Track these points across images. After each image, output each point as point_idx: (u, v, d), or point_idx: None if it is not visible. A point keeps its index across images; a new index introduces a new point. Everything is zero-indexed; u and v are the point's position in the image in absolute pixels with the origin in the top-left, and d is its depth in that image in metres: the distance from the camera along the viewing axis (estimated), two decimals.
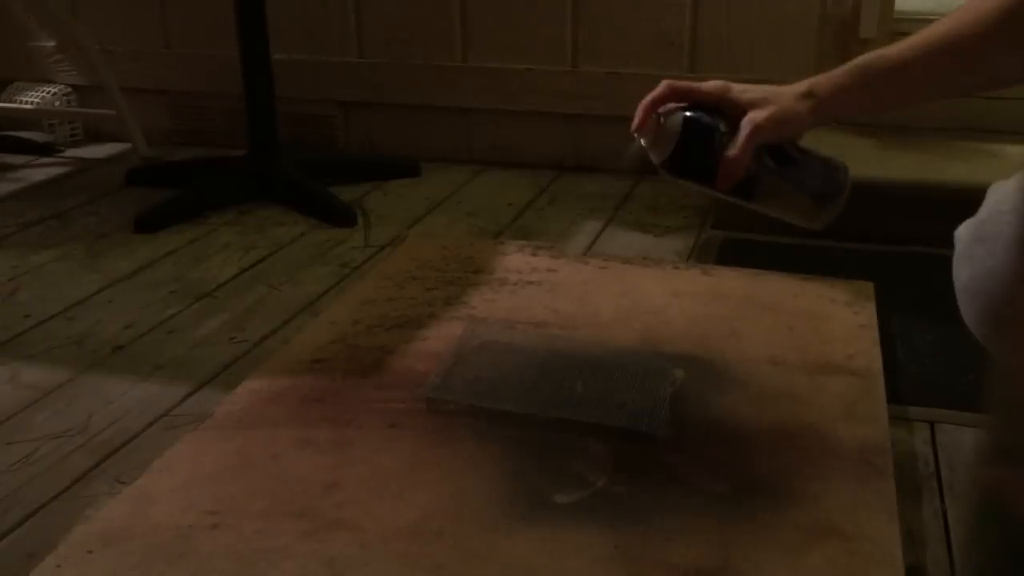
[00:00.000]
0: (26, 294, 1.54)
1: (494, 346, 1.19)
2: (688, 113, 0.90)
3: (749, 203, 0.93)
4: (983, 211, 0.90)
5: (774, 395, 1.10)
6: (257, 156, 1.97)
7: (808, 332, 1.24)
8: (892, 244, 1.65)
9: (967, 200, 0.95)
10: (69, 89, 2.37)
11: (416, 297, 1.35)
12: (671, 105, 0.91)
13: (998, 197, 0.90)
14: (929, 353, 1.30)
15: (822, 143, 0.96)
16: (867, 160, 1.79)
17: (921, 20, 1.97)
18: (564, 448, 1.01)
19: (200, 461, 0.99)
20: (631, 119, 0.91)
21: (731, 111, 0.90)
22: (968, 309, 0.90)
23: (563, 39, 2.05)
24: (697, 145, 0.89)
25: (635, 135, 0.92)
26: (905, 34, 2.03)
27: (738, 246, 1.67)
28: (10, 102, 2.31)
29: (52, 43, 2.38)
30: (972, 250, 0.89)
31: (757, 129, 0.88)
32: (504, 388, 1.11)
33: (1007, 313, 0.64)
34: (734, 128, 0.89)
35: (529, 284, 1.39)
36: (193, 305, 1.50)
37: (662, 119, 0.90)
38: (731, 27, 1.96)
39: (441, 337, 1.23)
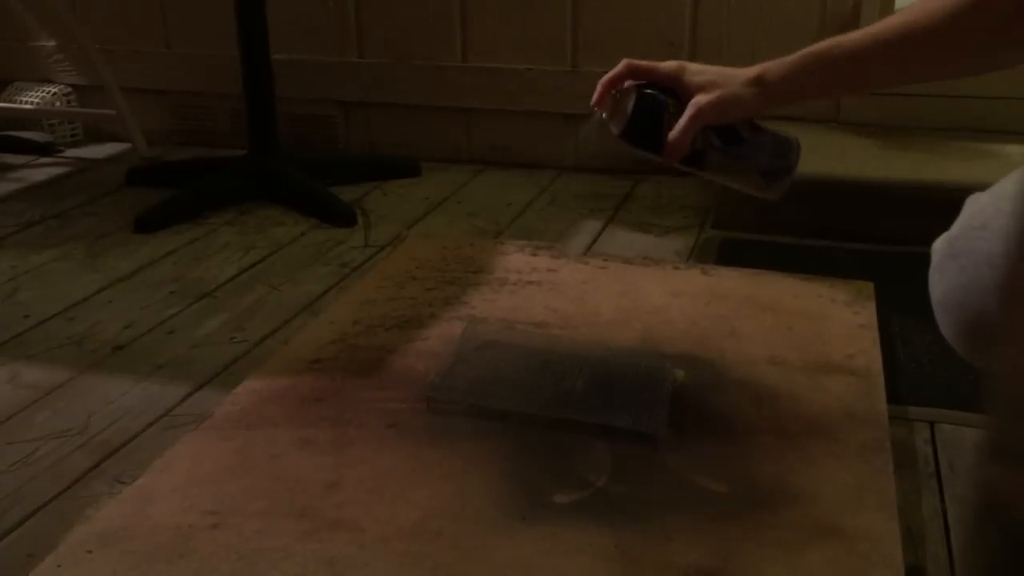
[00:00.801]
0: (26, 294, 1.54)
1: (494, 346, 1.19)
2: (641, 91, 0.97)
3: (701, 173, 0.99)
4: (956, 227, 0.90)
5: (774, 395, 1.10)
6: (257, 156, 1.97)
7: (808, 332, 1.24)
8: (892, 244, 1.65)
9: (944, 209, 0.94)
10: (69, 89, 2.37)
11: (416, 297, 1.35)
12: (629, 83, 0.99)
13: (972, 211, 0.90)
14: (929, 353, 1.30)
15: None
16: (867, 160, 1.79)
17: None
18: (564, 448, 1.01)
19: (200, 461, 0.99)
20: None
21: (683, 92, 0.96)
22: (945, 323, 0.91)
23: (563, 39, 2.05)
24: (648, 121, 0.96)
25: (594, 109, 0.99)
26: None
27: (738, 246, 1.67)
28: (10, 102, 2.31)
29: (52, 43, 2.38)
30: (945, 265, 0.89)
31: (699, 113, 0.93)
32: (504, 388, 1.11)
33: (995, 328, 0.64)
34: (683, 108, 0.95)
35: (529, 284, 1.39)
36: (193, 305, 1.50)
37: (618, 95, 0.99)
38: (731, 27, 1.96)
39: (441, 337, 1.23)
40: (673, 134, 0.94)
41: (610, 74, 0.99)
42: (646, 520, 0.90)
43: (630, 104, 0.97)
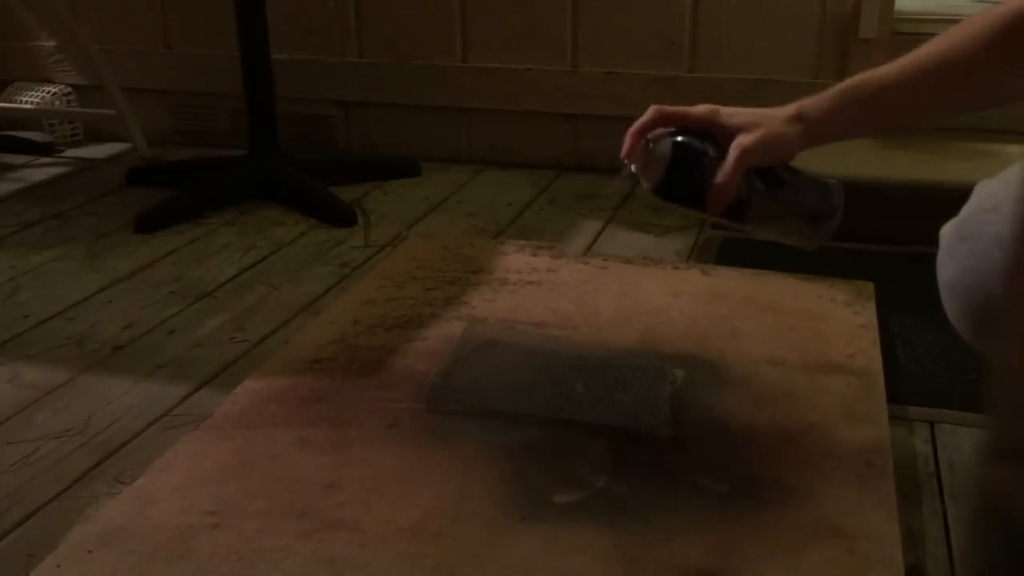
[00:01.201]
0: (26, 294, 1.54)
1: (494, 346, 1.19)
2: (676, 139, 0.90)
3: (743, 225, 0.93)
4: (966, 209, 0.90)
5: (774, 395, 1.10)
6: (257, 156, 1.97)
7: (808, 332, 1.24)
8: (892, 244, 1.65)
9: (966, 200, 0.95)
10: (69, 89, 2.37)
11: (416, 297, 1.35)
12: (660, 131, 0.91)
13: (981, 195, 0.90)
14: (929, 353, 1.30)
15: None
16: (867, 160, 1.79)
17: (921, 20, 1.97)
18: (564, 448, 1.01)
19: (200, 461, 0.99)
20: (631, 119, 0.91)
21: (720, 135, 0.90)
22: (951, 306, 0.91)
23: (563, 39, 2.05)
24: (686, 171, 0.89)
25: (624, 162, 0.92)
26: (905, 34, 2.03)
27: (738, 246, 1.67)
28: (10, 102, 2.31)
29: (52, 43, 2.38)
30: (954, 248, 0.89)
31: (745, 153, 0.87)
32: (504, 388, 1.11)
33: (999, 311, 0.64)
34: (723, 153, 0.88)
35: (529, 284, 1.39)
36: (193, 305, 1.50)
37: (650, 145, 0.91)
38: (731, 27, 1.96)
39: (441, 337, 1.23)
40: (719, 177, 0.87)
41: (638, 123, 0.91)
42: (646, 520, 0.90)
43: (665, 154, 0.89)
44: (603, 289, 1.37)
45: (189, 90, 2.31)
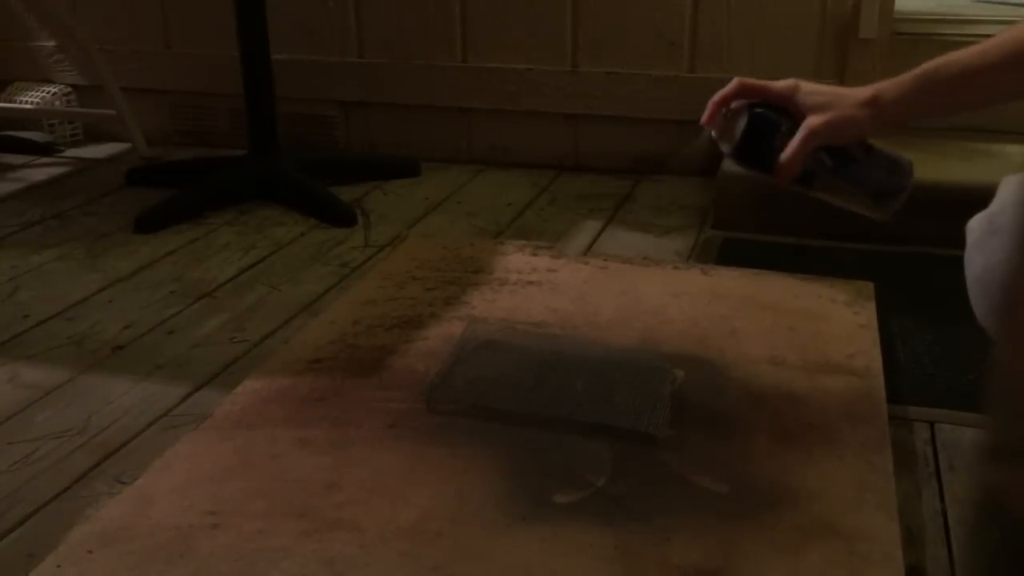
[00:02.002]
0: (26, 294, 1.54)
1: (494, 346, 1.19)
2: (753, 111, 0.95)
3: (810, 192, 0.97)
4: (995, 203, 0.90)
5: (774, 395, 1.10)
6: (257, 156, 1.97)
7: (808, 332, 1.24)
8: (892, 244, 1.65)
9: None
10: (69, 89, 2.37)
11: (416, 297, 1.35)
12: (740, 102, 0.96)
13: (1010, 189, 0.90)
14: (929, 353, 1.30)
15: None
16: None
17: (921, 20, 1.97)
18: (564, 448, 1.01)
19: (200, 461, 0.99)
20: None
21: (796, 112, 0.94)
22: (979, 301, 0.90)
23: (563, 39, 2.05)
24: (759, 142, 0.95)
25: (704, 127, 0.97)
26: (905, 34, 2.02)
27: (738, 246, 1.67)
28: (10, 102, 2.31)
29: (52, 43, 2.38)
30: (985, 242, 0.89)
31: (811, 134, 0.92)
32: (504, 388, 1.11)
33: (1010, 307, 0.63)
34: (795, 128, 0.93)
35: (529, 284, 1.39)
36: (193, 305, 1.50)
37: (729, 114, 0.96)
38: (731, 27, 1.96)
39: (441, 337, 1.23)
40: (784, 155, 0.92)
41: (721, 92, 0.97)
42: (646, 520, 0.90)
43: (742, 124, 0.95)
44: (603, 289, 1.37)
45: (189, 90, 2.31)
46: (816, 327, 1.26)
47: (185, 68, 2.29)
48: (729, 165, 1.76)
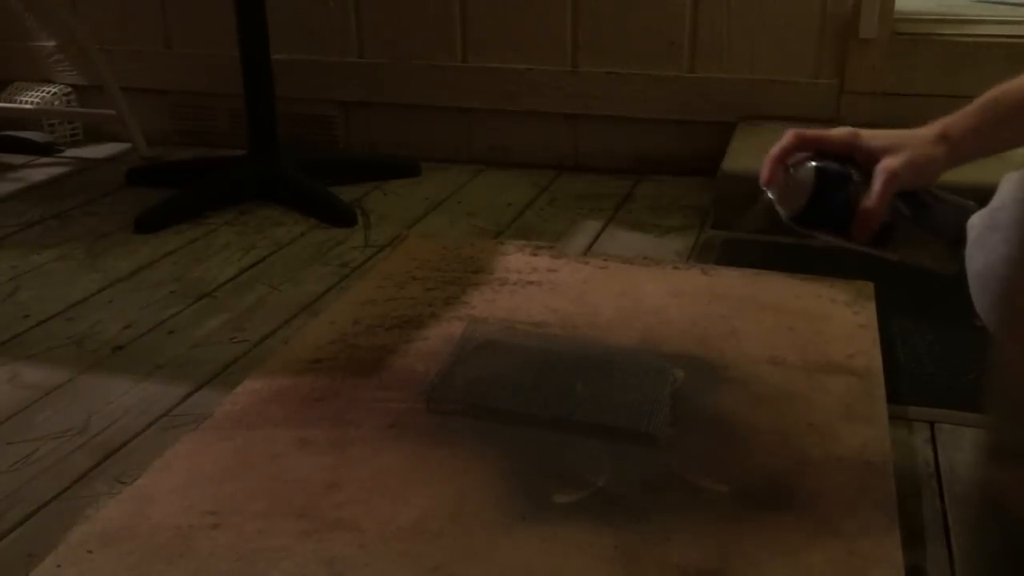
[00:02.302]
0: (26, 294, 1.54)
1: (494, 346, 1.19)
2: (819, 164, 0.87)
3: (883, 251, 0.90)
4: (996, 199, 0.90)
5: (774, 395, 1.10)
6: (257, 156, 1.97)
7: (808, 332, 1.24)
8: None
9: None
10: (69, 89, 2.37)
11: (416, 297, 1.35)
12: (799, 155, 0.89)
13: (1012, 185, 0.90)
14: (929, 353, 1.30)
15: None
16: None
17: (920, 20, 1.97)
18: (564, 448, 1.01)
19: (200, 461, 0.99)
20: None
21: (861, 158, 0.88)
22: (980, 297, 0.90)
23: (563, 39, 2.05)
24: (830, 197, 0.87)
25: (764, 188, 0.89)
26: (905, 34, 2.02)
27: (738, 246, 1.67)
28: (10, 102, 2.31)
29: (52, 43, 2.38)
30: (986, 238, 0.89)
31: (893, 176, 0.85)
32: (504, 388, 1.11)
33: (1012, 305, 0.63)
34: (866, 176, 0.86)
35: (529, 284, 1.39)
36: (193, 305, 1.50)
37: (791, 170, 0.88)
38: (731, 27, 1.96)
39: (441, 337, 1.23)
40: (867, 202, 0.85)
41: (778, 147, 0.88)
42: (646, 520, 0.90)
43: (808, 179, 0.86)
44: (603, 289, 1.37)
45: (189, 90, 2.31)
46: (816, 327, 1.26)
47: (185, 68, 2.29)
48: (730, 165, 1.76)
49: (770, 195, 0.89)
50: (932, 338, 1.34)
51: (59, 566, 0.85)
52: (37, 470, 1.09)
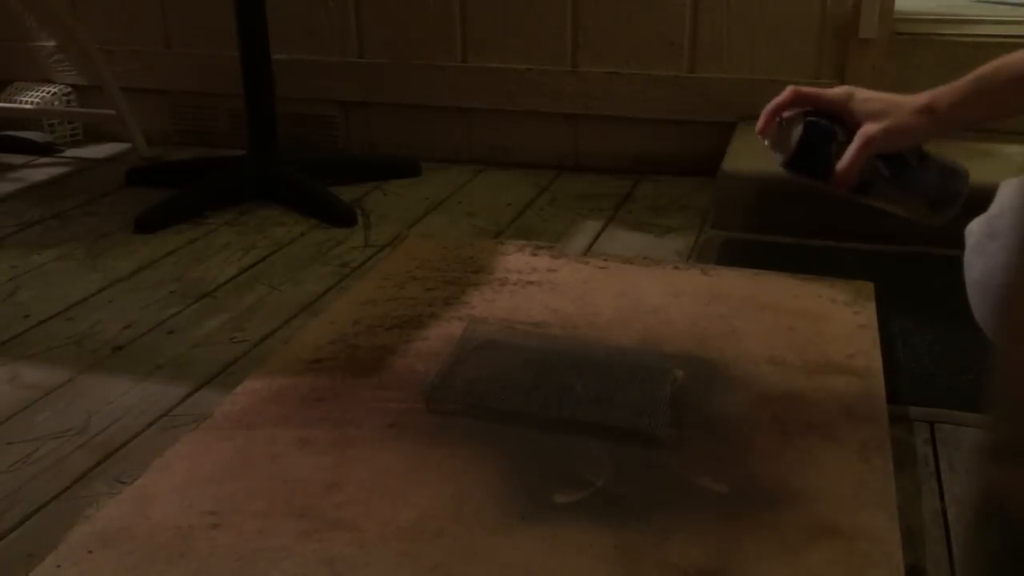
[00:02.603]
0: (26, 294, 1.54)
1: (494, 346, 1.19)
2: (808, 120, 0.95)
3: (866, 200, 0.98)
4: (995, 207, 0.90)
5: (774, 395, 1.10)
6: (257, 156, 1.97)
7: (808, 332, 1.24)
8: (892, 244, 1.65)
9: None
10: (69, 89, 2.37)
11: (416, 297, 1.35)
12: (794, 111, 0.97)
13: (1009, 192, 0.90)
14: (929, 353, 1.30)
15: None
16: None
17: (920, 20, 1.97)
18: (564, 448, 1.01)
19: (200, 461, 0.99)
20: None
21: (850, 120, 0.94)
22: (979, 304, 0.90)
23: (563, 39, 2.05)
24: (814, 151, 0.95)
25: (759, 136, 0.98)
26: (904, 34, 2.02)
27: (738, 246, 1.67)
28: (10, 102, 2.31)
29: (52, 43, 2.38)
30: (984, 245, 0.89)
31: (868, 142, 0.92)
32: (504, 388, 1.11)
33: (1010, 310, 0.63)
34: (851, 136, 0.93)
35: (529, 284, 1.39)
36: (193, 305, 1.50)
37: (784, 123, 0.96)
38: (731, 27, 1.96)
39: (441, 337, 1.23)
40: (841, 164, 0.93)
41: (775, 101, 0.97)
42: (646, 520, 0.90)
43: (796, 132, 0.95)
44: (603, 289, 1.37)
45: (189, 90, 2.31)
46: (816, 327, 1.26)
47: (185, 68, 2.29)
48: (730, 165, 1.76)
49: (765, 142, 0.98)
50: (932, 338, 1.34)
51: (59, 566, 0.85)
52: (37, 470, 1.09)
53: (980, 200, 0.93)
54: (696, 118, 2.01)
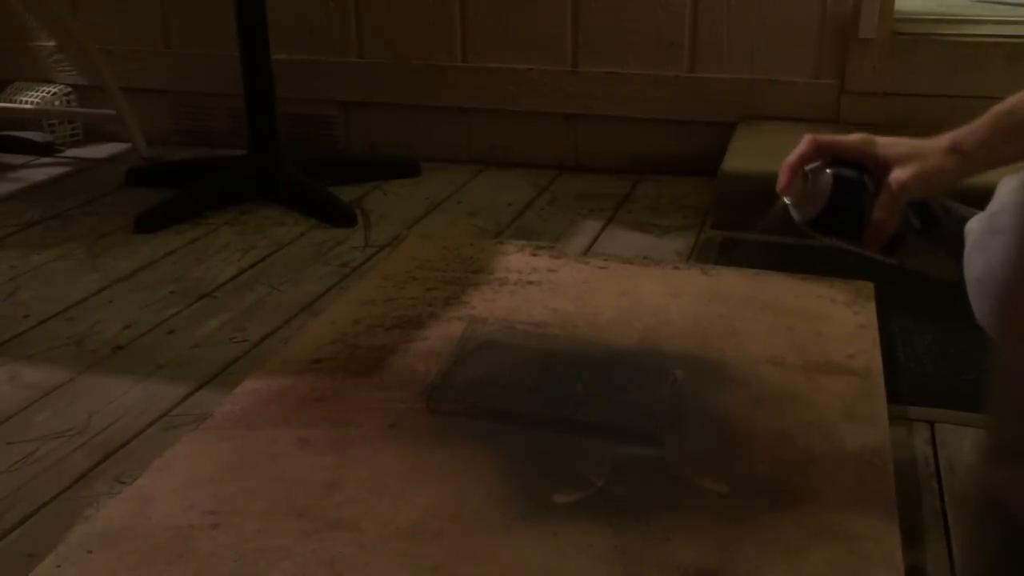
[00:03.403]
0: (26, 294, 1.54)
1: (494, 346, 1.19)
2: (838, 172, 0.88)
3: (891, 259, 0.92)
4: (994, 204, 0.90)
5: (774, 395, 1.10)
6: (257, 156, 1.97)
7: (808, 332, 1.24)
8: None
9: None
10: (69, 89, 2.37)
11: (416, 297, 1.35)
12: (816, 163, 0.90)
13: (1009, 189, 0.89)
14: (929, 353, 1.30)
15: None
16: None
17: (920, 20, 1.97)
18: (564, 448, 1.01)
19: (200, 461, 0.99)
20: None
21: (873, 166, 0.90)
22: (980, 302, 0.90)
23: (563, 39, 2.05)
24: (845, 204, 0.88)
25: (780, 195, 0.91)
26: (904, 34, 2.02)
27: (738, 246, 1.67)
28: (10, 102, 2.31)
29: (52, 43, 2.38)
30: (984, 243, 0.89)
31: (903, 188, 0.87)
32: (504, 388, 1.11)
33: (1010, 308, 0.63)
34: (879, 185, 0.88)
35: (529, 284, 1.39)
36: (193, 305, 1.50)
37: (809, 177, 0.89)
38: (731, 27, 1.96)
39: (441, 337, 1.23)
40: (878, 213, 0.87)
41: (795, 154, 0.90)
42: (646, 520, 0.90)
43: (826, 187, 0.87)
44: (603, 289, 1.37)
45: (189, 90, 2.31)
46: (816, 327, 1.26)
47: (185, 68, 2.29)
48: (730, 165, 1.76)
49: (786, 200, 0.90)
50: (932, 338, 1.34)
51: (59, 566, 0.85)
52: (37, 470, 1.09)
53: (980, 199, 0.93)
54: (696, 118, 2.01)
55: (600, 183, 2.03)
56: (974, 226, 0.92)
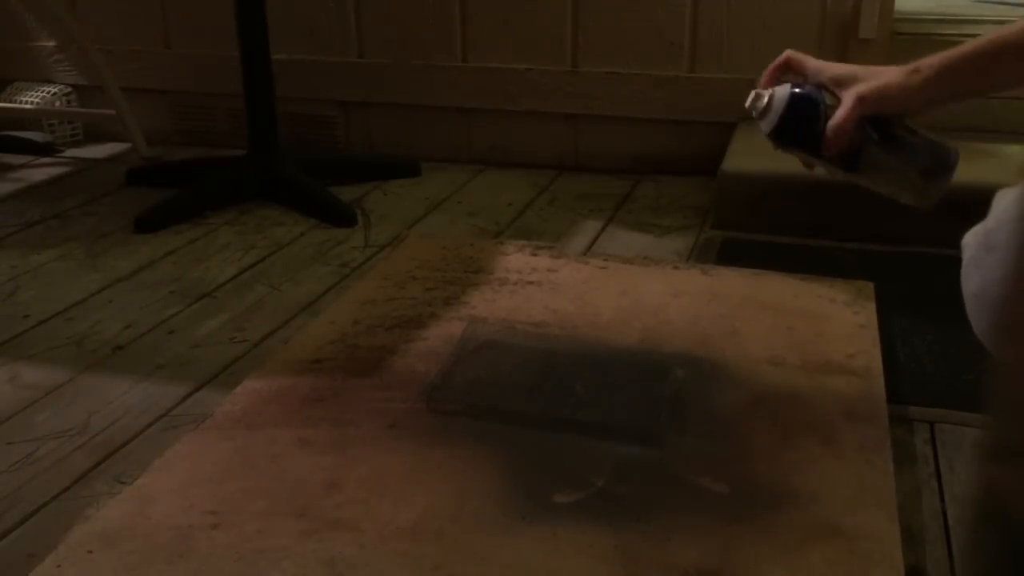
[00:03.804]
0: (26, 294, 1.54)
1: (494, 346, 1.19)
2: (794, 88, 0.95)
3: (855, 175, 0.95)
4: (991, 219, 0.90)
5: (774, 395, 1.10)
6: (257, 156, 1.97)
7: (808, 332, 1.24)
8: (892, 244, 1.65)
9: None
10: (69, 89, 2.37)
11: (416, 297, 1.35)
12: (785, 84, 0.96)
13: (1005, 204, 0.89)
14: (929, 353, 1.30)
15: None
16: None
17: (920, 20, 1.97)
18: (564, 448, 1.01)
19: (200, 461, 0.99)
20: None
21: (838, 89, 0.93)
22: (979, 318, 0.90)
23: (563, 39, 2.05)
24: (799, 114, 0.94)
25: (747, 108, 0.98)
26: (904, 34, 2.02)
27: (738, 246, 1.67)
28: (10, 102, 2.31)
29: (52, 43, 2.38)
30: (981, 259, 0.89)
31: (860, 100, 0.90)
32: (504, 388, 1.11)
33: (1009, 316, 0.63)
34: (838, 102, 0.92)
35: (529, 284, 1.39)
36: (193, 305, 1.50)
37: (771, 94, 0.96)
38: (731, 27, 1.96)
39: (441, 337, 1.23)
40: (833, 121, 0.91)
41: (774, 63, 0.98)
42: (646, 520, 0.90)
43: (782, 100, 0.95)
44: (603, 289, 1.37)
45: (189, 90, 2.31)
46: (816, 327, 1.26)
47: (185, 68, 2.29)
48: (730, 165, 1.76)
49: (753, 114, 0.98)
50: (932, 338, 1.34)
51: (59, 566, 0.85)
52: (37, 470, 1.09)
53: (980, 199, 0.93)
54: (696, 118, 2.01)
55: (600, 183, 2.03)
56: (970, 241, 0.92)
